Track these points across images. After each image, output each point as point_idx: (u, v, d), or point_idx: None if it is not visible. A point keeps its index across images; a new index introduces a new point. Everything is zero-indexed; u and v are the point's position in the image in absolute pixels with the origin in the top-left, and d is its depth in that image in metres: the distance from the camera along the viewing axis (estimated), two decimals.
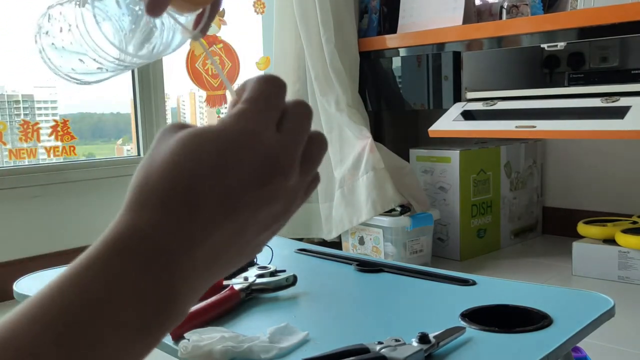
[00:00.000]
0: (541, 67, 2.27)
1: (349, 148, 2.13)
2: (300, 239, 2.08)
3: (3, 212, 1.87)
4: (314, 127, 0.37)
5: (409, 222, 1.95)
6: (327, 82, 2.19)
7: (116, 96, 2.38)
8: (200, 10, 0.40)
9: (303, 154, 0.35)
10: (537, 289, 0.94)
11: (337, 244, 2.17)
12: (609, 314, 0.78)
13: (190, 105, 2.59)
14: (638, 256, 1.78)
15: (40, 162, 2.01)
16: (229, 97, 0.38)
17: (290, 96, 0.36)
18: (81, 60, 0.46)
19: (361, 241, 2.10)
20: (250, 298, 0.88)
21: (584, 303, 0.82)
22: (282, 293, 0.91)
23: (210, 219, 0.32)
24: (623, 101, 1.68)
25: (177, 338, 0.74)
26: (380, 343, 0.66)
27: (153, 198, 0.32)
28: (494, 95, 2.01)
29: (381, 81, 2.31)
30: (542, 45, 1.90)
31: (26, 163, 1.97)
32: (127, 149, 2.40)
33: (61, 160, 2.04)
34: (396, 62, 2.26)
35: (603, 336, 1.21)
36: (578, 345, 0.89)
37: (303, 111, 0.36)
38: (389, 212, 2.00)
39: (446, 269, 1.01)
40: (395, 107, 2.34)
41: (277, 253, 1.11)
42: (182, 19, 0.41)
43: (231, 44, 2.29)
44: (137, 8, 0.44)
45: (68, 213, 1.96)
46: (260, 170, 0.33)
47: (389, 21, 2.36)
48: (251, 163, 0.33)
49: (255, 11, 2.38)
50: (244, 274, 0.92)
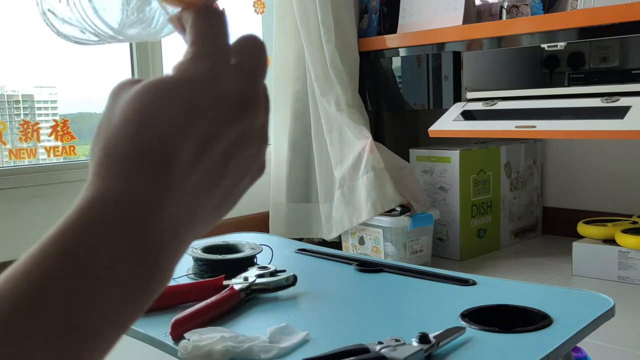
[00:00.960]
0: (541, 67, 2.27)
1: (349, 148, 2.13)
2: (300, 239, 2.08)
3: (3, 212, 1.87)
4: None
5: (409, 222, 1.95)
6: (327, 82, 2.19)
7: None
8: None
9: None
10: (537, 289, 0.94)
11: (337, 244, 2.17)
12: (609, 314, 0.78)
13: None
14: (638, 256, 1.78)
15: (40, 162, 2.01)
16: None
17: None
18: (82, 32, 0.46)
19: (361, 241, 2.10)
20: (250, 298, 0.88)
21: (584, 303, 0.82)
22: (282, 293, 0.91)
23: (185, 172, 0.31)
24: (623, 101, 1.68)
25: (177, 338, 0.74)
26: (380, 343, 0.66)
27: (122, 159, 0.30)
28: (494, 95, 2.01)
29: (381, 81, 2.31)
30: (542, 45, 1.90)
31: (26, 163, 1.97)
32: None
33: (61, 160, 2.04)
34: (396, 62, 2.26)
35: (603, 336, 1.21)
36: (578, 345, 0.89)
37: (252, 43, 0.35)
38: (389, 212, 2.00)
39: (446, 269, 1.01)
40: (395, 107, 2.34)
41: (277, 253, 1.11)
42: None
43: None
44: None
45: None
46: (229, 111, 0.32)
47: (389, 21, 2.36)
48: (220, 105, 0.32)
49: (255, 11, 2.38)
50: (244, 274, 0.92)
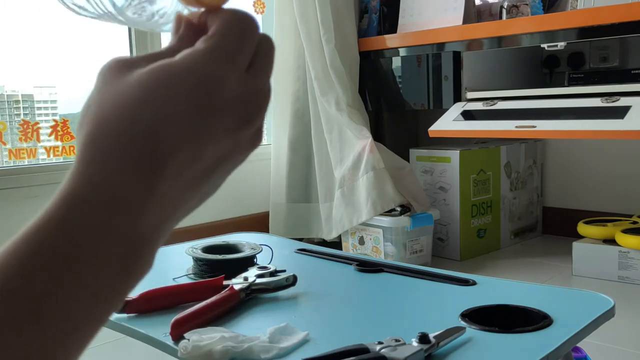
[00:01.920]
0: (541, 67, 2.27)
1: (349, 148, 2.13)
2: (300, 239, 2.08)
3: (3, 212, 1.87)
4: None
5: (409, 222, 1.95)
6: (327, 82, 2.19)
7: None
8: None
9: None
10: (537, 289, 0.94)
11: (337, 244, 2.17)
12: (609, 314, 0.78)
13: None
14: (638, 256, 1.78)
15: (40, 162, 2.01)
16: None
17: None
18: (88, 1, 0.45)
19: (361, 241, 2.10)
20: (250, 298, 0.88)
21: (584, 303, 0.82)
22: (282, 293, 0.91)
23: (175, 175, 0.30)
24: (623, 101, 1.68)
25: (177, 338, 0.74)
26: (380, 343, 0.66)
27: (110, 153, 0.29)
28: (494, 95, 2.01)
29: (381, 81, 2.31)
30: (542, 45, 1.90)
31: (26, 163, 1.97)
32: None
33: (61, 160, 2.04)
34: (396, 62, 2.26)
35: (603, 336, 1.21)
36: (578, 345, 0.89)
37: (270, 48, 0.34)
38: (389, 212, 2.00)
39: (446, 269, 1.01)
40: (395, 107, 2.34)
41: (277, 253, 1.11)
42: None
43: None
44: None
45: None
46: (232, 120, 0.31)
47: (389, 21, 2.36)
48: (225, 112, 0.31)
49: (255, 11, 2.38)
50: (244, 274, 0.92)
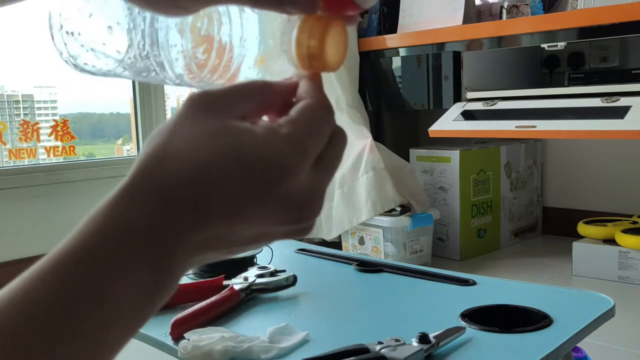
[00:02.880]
0: (541, 67, 2.27)
1: (349, 148, 2.12)
2: (300, 239, 2.08)
3: (3, 212, 1.87)
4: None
5: (409, 222, 1.95)
6: (327, 82, 2.15)
7: (116, 96, 2.38)
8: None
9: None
10: (537, 289, 0.94)
11: (337, 244, 2.17)
12: (609, 314, 0.78)
13: None
14: (638, 256, 1.78)
15: (40, 162, 2.01)
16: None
17: None
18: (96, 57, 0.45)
19: (361, 241, 2.10)
20: (250, 298, 0.88)
21: (584, 303, 0.82)
22: (282, 293, 0.91)
23: (208, 244, 0.31)
24: (623, 101, 1.67)
25: (177, 338, 0.74)
26: (380, 343, 0.66)
27: (167, 190, 0.30)
28: (494, 95, 2.01)
29: (381, 81, 2.31)
30: (542, 45, 1.90)
31: (26, 163, 1.97)
32: (127, 149, 2.40)
33: (61, 160, 2.04)
34: (396, 62, 2.26)
35: (603, 336, 1.21)
36: (578, 345, 0.89)
37: (343, 143, 0.34)
38: (389, 212, 2.00)
39: (446, 269, 1.01)
40: (395, 107, 2.34)
41: (277, 253, 1.11)
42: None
43: None
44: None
45: (68, 213, 1.96)
46: (282, 213, 0.31)
47: (389, 21, 2.36)
48: (277, 203, 0.31)
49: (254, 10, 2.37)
50: (244, 274, 0.92)
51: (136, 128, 2.26)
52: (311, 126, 0.32)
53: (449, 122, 1.98)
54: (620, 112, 1.63)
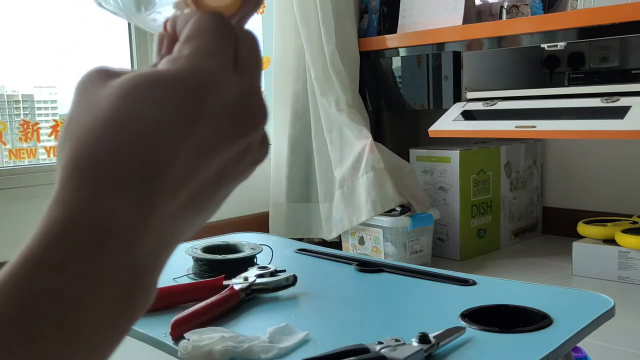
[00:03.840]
0: (541, 67, 2.27)
1: (349, 148, 2.12)
2: (300, 239, 2.08)
3: (3, 212, 1.87)
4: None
5: (409, 222, 1.95)
6: (327, 82, 2.19)
7: None
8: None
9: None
10: (537, 289, 0.94)
11: (337, 244, 2.17)
12: (609, 314, 0.78)
13: None
14: (638, 256, 1.78)
15: (40, 162, 2.01)
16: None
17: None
18: None
19: (361, 241, 2.10)
20: (250, 298, 0.88)
21: (584, 303, 0.82)
22: (282, 293, 0.91)
23: (173, 191, 0.26)
24: (623, 101, 1.67)
25: (177, 338, 0.74)
26: (380, 343, 0.66)
27: (96, 172, 0.25)
28: (494, 95, 2.01)
29: (381, 81, 2.31)
30: (542, 45, 1.90)
31: (26, 163, 1.97)
32: None
33: None
34: (396, 62, 2.26)
35: (603, 336, 1.21)
36: (578, 345, 0.89)
37: (253, 42, 0.30)
38: (389, 212, 2.00)
39: (446, 269, 1.01)
40: (395, 107, 2.34)
41: (277, 253, 1.11)
42: None
43: None
44: None
45: None
46: (226, 124, 0.28)
47: (389, 21, 2.36)
48: (221, 113, 0.27)
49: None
50: (244, 274, 0.92)
51: None
52: (205, 34, 0.29)
53: (449, 122, 1.98)
54: (620, 112, 1.63)
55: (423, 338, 0.67)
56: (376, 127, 2.43)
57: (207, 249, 1.05)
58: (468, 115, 1.99)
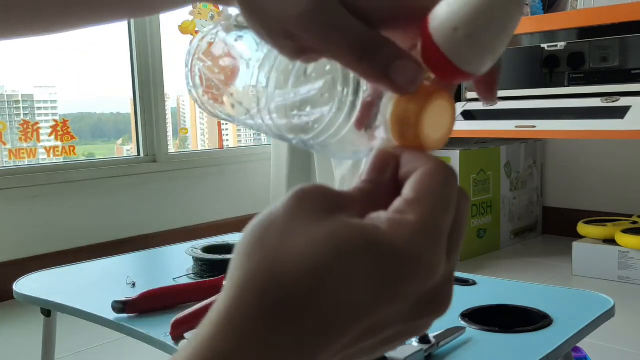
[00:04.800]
0: (541, 67, 2.27)
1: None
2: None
3: (3, 212, 1.87)
4: None
5: None
6: None
7: (116, 96, 2.38)
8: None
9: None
10: (537, 289, 0.94)
11: None
12: (609, 314, 0.77)
13: (190, 105, 2.59)
14: (638, 256, 1.78)
15: (40, 162, 2.01)
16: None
17: None
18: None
19: None
20: None
21: (584, 303, 0.82)
22: None
23: (335, 353, 0.25)
24: (623, 101, 1.67)
25: (177, 338, 0.74)
26: None
27: (275, 322, 0.24)
28: None
29: None
30: (542, 45, 1.90)
31: (26, 163, 1.97)
32: (127, 149, 2.40)
33: (61, 160, 2.04)
34: None
35: (603, 336, 1.21)
36: (578, 345, 0.88)
37: (467, 210, 0.28)
38: None
39: None
40: None
41: None
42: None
43: None
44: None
45: (68, 213, 1.96)
46: (415, 309, 0.26)
47: None
48: (413, 300, 0.26)
49: None
50: None
51: (136, 128, 2.26)
52: (438, 203, 0.26)
53: None
54: (620, 112, 1.63)
55: (423, 338, 0.66)
56: None
57: (207, 249, 1.04)
58: (468, 115, 1.99)
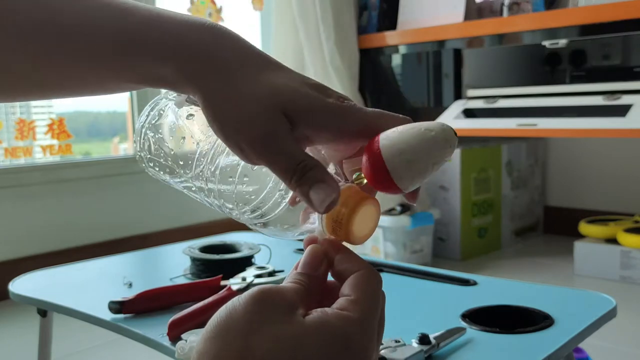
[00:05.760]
0: (542, 65, 2.26)
1: None
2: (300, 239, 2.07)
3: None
4: None
5: (409, 222, 1.94)
6: (327, 80, 2.18)
7: (112, 95, 2.37)
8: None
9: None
10: (539, 289, 0.93)
11: None
12: (611, 314, 0.77)
13: None
14: None
15: (36, 161, 2.00)
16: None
17: None
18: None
19: None
20: None
21: (586, 303, 0.81)
22: None
23: None
24: (625, 99, 1.67)
25: (174, 339, 0.73)
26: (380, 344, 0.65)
27: None
28: (495, 93, 2.00)
29: (381, 79, 2.30)
30: (544, 42, 1.89)
31: (22, 162, 1.96)
32: (124, 148, 2.39)
33: (57, 158, 2.03)
34: (396, 60, 2.25)
35: (605, 336, 1.20)
36: (580, 345, 0.88)
37: (383, 304, 0.35)
38: (389, 212, 1.99)
39: (447, 269, 1.00)
40: (395, 105, 2.33)
41: (276, 253, 1.09)
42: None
43: None
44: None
45: (64, 212, 1.95)
46: None
47: (389, 18, 2.34)
48: None
49: (253, 7, 2.37)
50: (242, 274, 0.91)
51: (133, 127, 2.25)
52: (372, 303, 0.33)
53: (450, 120, 1.97)
54: (622, 111, 1.62)
55: (423, 339, 0.66)
56: None
57: (205, 249, 1.04)
58: (469, 113, 1.98)
